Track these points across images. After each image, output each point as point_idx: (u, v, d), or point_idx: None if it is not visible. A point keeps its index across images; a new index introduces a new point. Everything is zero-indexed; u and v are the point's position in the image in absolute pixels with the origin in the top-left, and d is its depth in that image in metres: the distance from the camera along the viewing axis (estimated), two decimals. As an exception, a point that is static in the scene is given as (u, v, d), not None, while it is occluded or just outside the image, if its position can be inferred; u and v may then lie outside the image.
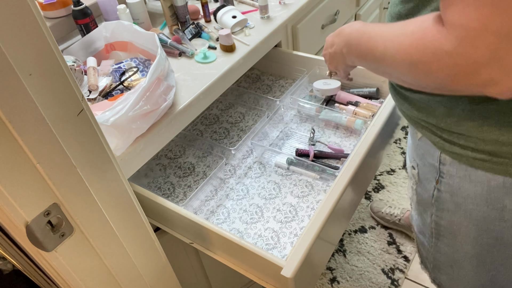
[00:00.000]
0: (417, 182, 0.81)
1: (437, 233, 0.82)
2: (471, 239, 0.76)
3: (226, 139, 1.20)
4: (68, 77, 0.55)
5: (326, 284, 1.57)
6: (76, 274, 0.67)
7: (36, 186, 0.56)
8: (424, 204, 0.82)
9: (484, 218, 0.71)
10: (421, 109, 0.67)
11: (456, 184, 0.70)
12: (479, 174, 0.65)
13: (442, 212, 0.77)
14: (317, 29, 1.45)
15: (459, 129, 0.63)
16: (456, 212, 0.74)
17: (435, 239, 0.84)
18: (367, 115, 1.10)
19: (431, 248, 0.87)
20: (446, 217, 0.77)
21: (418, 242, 0.94)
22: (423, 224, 0.86)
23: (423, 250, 0.92)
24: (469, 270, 0.82)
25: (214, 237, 0.83)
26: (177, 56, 1.11)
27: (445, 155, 0.68)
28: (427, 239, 0.87)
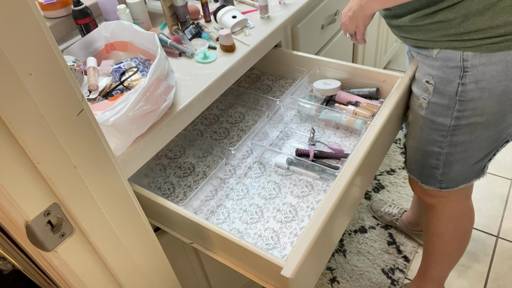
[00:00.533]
0: (431, 93, 0.98)
1: (455, 129, 0.99)
2: (491, 114, 0.94)
3: (226, 139, 1.20)
4: (68, 77, 0.55)
5: (326, 284, 1.57)
6: (76, 274, 0.67)
7: (36, 186, 0.56)
8: (441, 110, 0.98)
9: (505, 90, 0.90)
10: (439, 28, 0.89)
11: (479, 71, 0.88)
12: (498, 55, 0.85)
13: (466, 104, 0.94)
14: (317, 29, 1.45)
15: (476, 26, 0.84)
16: (481, 96, 0.91)
17: (450, 136, 1.01)
18: (367, 115, 1.10)
19: (444, 148, 1.04)
20: (470, 106, 0.94)
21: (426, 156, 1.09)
22: (436, 131, 1.02)
23: (433, 160, 1.08)
24: (484, 142, 1.01)
25: (214, 237, 0.83)
26: (177, 56, 1.11)
27: (468, 51, 0.88)
28: (439, 144, 1.04)
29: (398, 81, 1.08)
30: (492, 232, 1.67)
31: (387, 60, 2.40)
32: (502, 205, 1.76)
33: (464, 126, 0.98)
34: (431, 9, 0.88)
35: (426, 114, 1.02)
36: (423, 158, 1.10)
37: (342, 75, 1.21)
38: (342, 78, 1.21)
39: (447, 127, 1.00)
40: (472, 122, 0.96)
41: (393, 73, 1.12)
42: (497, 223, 1.70)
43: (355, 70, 1.18)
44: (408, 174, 1.21)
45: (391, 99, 1.01)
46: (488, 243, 1.63)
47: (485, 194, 1.81)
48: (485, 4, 0.82)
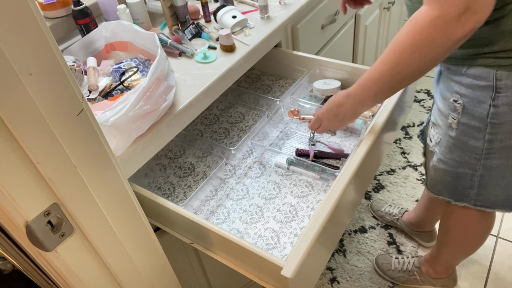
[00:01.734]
0: (460, 114, 0.92)
1: (488, 152, 0.93)
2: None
3: (226, 139, 1.20)
4: (68, 77, 0.55)
5: (326, 284, 1.57)
6: (76, 274, 0.67)
7: (36, 186, 0.56)
8: (472, 131, 0.92)
9: None
10: (470, 46, 0.83)
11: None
12: None
13: (499, 127, 0.88)
14: (317, 29, 1.45)
15: (510, 45, 0.79)
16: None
17: (484, 160, 0.95)
18: (367, 115, 1.10)
19: (478, 171, 0.98)
20: (504, 130, 0.88)
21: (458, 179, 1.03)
22: (468, 153, 0.96)
23: (466, 182, 1.02)
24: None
25: (214, 237, 0.83)
26: (177, 56, 1.11)
27: (501, 71, 0.82)
28: (472, 166, 0.98)
29: (398, 81, 1.08)
30: (492, 232, 1.67)
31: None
32: (502, 205, 1.76)
33: (498, 150, 0.92)
34: None
35: (457, 135, 0.95)
36: (455, 181, 1.05)
37: (342, 75, 1.21)
38: (342, 78, 1.21)
39: (480, 150, 0.94)
40: (507, 146, 0.91)
41: (393, 73, 1.12)
42: (497, 223, 1.69)
43: (355, 70, 1.18)
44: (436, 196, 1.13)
45: (391, 99, 1.01)
46: (488, 243, 1.63)
47: (485, 194, 1.81)
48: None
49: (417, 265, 1.48)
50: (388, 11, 2.06)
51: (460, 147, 0.97)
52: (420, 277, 1.47)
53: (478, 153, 0.95)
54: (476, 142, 0.93)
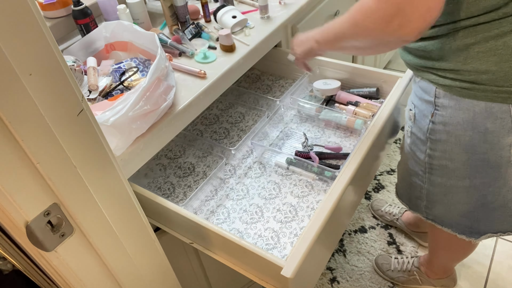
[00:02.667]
0: (413, 123, 0.95)
1: (430, 167, 0.96)
2: (461, 163, 0.89)
3: (226, 139, 1.20)
4: (68, 77, 0.55)
5: (326, 284, 1.57)
6: (76, 274, 0.67)
7: (36, 186, 0.56)
8: (419, 143, 0.95)
9: (471, 142, 0.84)
10: (420, 57, 0.85)
11: (448, 114, 0.84)
12: (466, 102, 0.80)
13: (436, 144, 0.90)
14: (317, 29, 1.45)
15: (449, 65, 0.79)
16: (448, 140, 0.87)
17: (428, 174, 0.97)
18: (367, 115, 1.10)
19: (425, 183, 1.00)
20: (439, 148, 0.90)
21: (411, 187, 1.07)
22: (417, 164, 0.99)
23: (417, 192, 1.05)
24: (462, 193, 0.95)
25: (214, 237, 0.83)
26: (177, 56, 1.11)
27: (440, 89, 0.83)
28: (420, 177, 1.00)
29: (398, 81, 1.08)
30: (492, 232, 1.66)
31: (387, 60, 2.40)
32: (502, 205, 1.76)
33: (437, 168, 0.94)
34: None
35: (410, 143, 1.00)
36: (409, 188, 1.08)
37: (342, 75, 1.21)
38: (342, 78, 1.21)
39: (424, 163, 0.97)
40: (443, 165, 0.92)
41: (393, 73, 1.13)
42: (497, 223, 1.69)
43: (355, 70, 1.18)
44: (397, 197, 1.20)
45: (391, 99, 1.01)
46: (488, 243, 1.63)
47: (485, 194, 1.80)
48: (460, 45, 0.76)
49: (416, 265, 1.48)
50: (388, 11, 2.06)
51: (412, 156, 1.00)
52: (420, 277, 1.47)
53: (423, 165, 0.97)
54: (421, 154, 0.96)
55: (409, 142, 1.00)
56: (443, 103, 0.84)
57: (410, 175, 1.04)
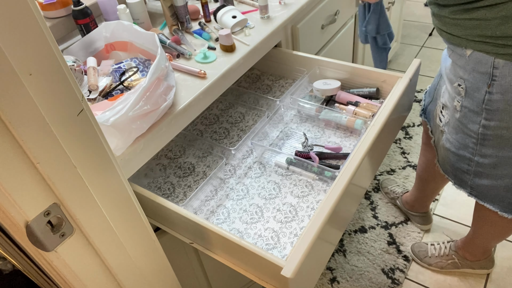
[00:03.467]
0: (464, 97, 0.96)
1: (483, 138, 0.98)
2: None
3: (226, 139, 1.20)
4: (68, 77, 0.55)
5: (326, 284, 1.57)
6: (76, 274, 0.67)
7: (36, 186, 0.56)
8: (471, 115, 0.97)
9: None
10: (475, 26, 0.84)
11: (507, 82, 0.85)
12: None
13: (492, 114, 0.92)
14: (317, 29, 1.45)
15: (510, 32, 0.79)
16: (506, 109, 0.89)
17: (480, 146, 1.00)
18: (367, 115, 1.10)
19: (475, 156, 1.02)
20: (496, 117, 0.92)
21: (459, 161, 1.08)
22: (468, 136, 1.01)
23: (464, 165, 1.07)
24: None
25: (214, 237, 0.83)
26: (175, 58, 1.11)
27: (499, 59, 0.84)
28: (470, 150, 1.03)
29: (398, 81, 1.08)
30: (492, 232, 1.67)
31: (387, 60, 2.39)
32: (502, 205, 1.76)
33: (491, 137, 0.96)
34: (473, 4, 0.83)
35: (460, 117, 1.01)
36: (456, 161, 1.10)
37: (342, 75, 1.21)
38: (342, 78, 1.21)
39: (476, 135, 0.99)
40: (499, 135, 0.94)
41: (393, 73, 1.13)
42: (497, 223, 1.69)
43: (355, 70, 1.18)
44: (443, 173, 1.20)
45: (391, 99, 1.01)
46: (488, 243, 1.63)
47: (485, 194, 1.81)
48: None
49: (454, 249, 1.50)
50: (388, 11, 2.07)
51: (462, 129, 1.02)
52: (459, 261, 1.49)
53: (475, 137, 0.99)
54: (474, 126, 0.98)
55: (459, 116, 1.01)
56: (502, 73, 0.85)
57: (458, 147, 1.06)
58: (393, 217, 1.76)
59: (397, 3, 2.13)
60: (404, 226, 1.71)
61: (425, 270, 1.57)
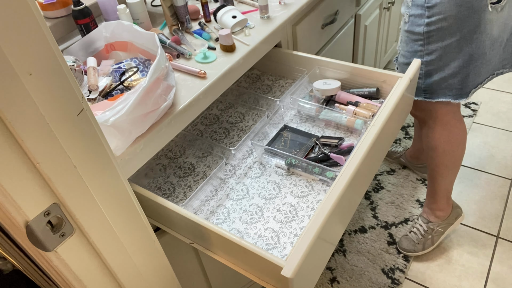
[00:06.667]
0: (410, 7, 1.17)
1: (428, 36, 1.17)
2: (453, 18, 1.11)
3: (226, 139, 1.20)
4: (68, 77, 0.55)
5: (326, 284, 1.57)
6: (76, 274, 0.67)
7: (36, 186, 0.56)
8: (417, 20, 1.17)
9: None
10: None
11: None
12: None
13: (432, 10, 1.12)
14: (317, 29, 1.45)
15: None
16: (441, 2, 1.09)
17: (426, 45, 1.19)
18: (367, 115, 1.10)
19: (424, 57, 1.22)
20: (436, 11, 1.12)
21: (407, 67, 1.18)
22: (415, 42, 1.21)
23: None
24: (454, 49, 1.17)
25: (214, 237, 0.83)
26: (175, 58, 1.11)
27: None
28: (419, 52, 1.22)
29: (398, 81, 1.08)
30: (492, 232, 1.67)
31: (387, 60, 2.39)
32: (502, 205, 1.76)
33: (434, 32, 1.15)
34: None
35: (408, 27, 1.21)
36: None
37: (342, 75, 1.21)
38: (342, 78, 1.21)
39: (422, 36, 1.17)
40: (440, 28, 1.14)
41: (393, 73, 1.13)
42: (497, 223, 1.69)
43: (355, 70, 1.18)
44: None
45: (391, 99, 1.01)
46: (488, 243, 1.63)
47: (485, 194, 1.81)
48: None
49: (425, 221, 1.61)
50: (388, 11, 2.06)
51: (411, 37, 1.21)
52: (438, 226, 1.60)
53: (421, 38, 1.18)
54: (419, 28, 1.17)
55: (407, 27, 1.21)
56: None
57: (409, 56, 1.24)
58: (393, 217, 1.76)
59: (397, 3, 2.13)
60: (404, 226, 1.72)
61: (425, 270, 1.57)
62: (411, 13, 1.18)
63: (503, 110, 2.21)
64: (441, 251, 1.62)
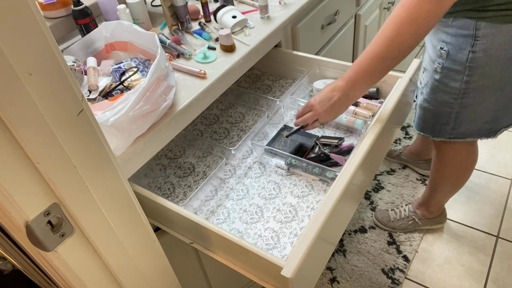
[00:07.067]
0: (445, 59, 1.09)
1: (465, 92, 1.10)
2: (497, 78, 1.05)
3: (226, 139, 1.20)
4: (68, 77, 0.55)
5: (326, 284, 1.57)
6: (76, 274, 0.67)
7: (36, 186, 0.56)
8: (453, 74, 1.09)
9: (509, 58, 1.00)
10: (457, 4, 0.93)
11: (489, 41, 0.99)
12: (507, 26, 0.95)
13: (475, 70, 1.05)
14: (317, 29, 1.45)
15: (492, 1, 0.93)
16: (488, 63, 1.02)
17: (460, 99, 1.12)
18: (367, 115, 1.10)
19: (455, 109, 1.15)
20: (478, 72, 1.05)
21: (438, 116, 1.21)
22: (448, 93, 1.14)
23: (443, 119, 1.20)
24: (491, 104, 1.11)
25: (214, 237, 0.83)
26: (175, 58, 1.11)
27: (481, 21, 0.97)
28: (450, 105, 1.15)
29: (398, 81, 1.08)
30: (492, 232, 1.67)
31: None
32: (502, 205, 1.76)
33: (472, 90, 1.09)
34: None
35: (440, 78, 1.13)
36: (435, 118, 1.22)
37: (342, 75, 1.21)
38: (342, 78, 1.21)
39: (458, 91, 1.10)
40: (480, 86, 1.07)
41: (393, 73, 1.12)
42: (497, 223, 1.69)
43: (355, 70, 1.17)
44: (418, 132, 1.33)
45: (391, 99, 1.01)
46: (488, 243, 1.63)
47: (485, 194, 1.81)
48: None
49: (412, 210, 1.67)
50: (388, 11, 2.07)
51: (442, 88, 1.14)
52: (419, 220, 1.65)
53: (456, 93, 1.11)
54: (455, 83, 1.10)
55: (439, 77, 1.13)
56: (484, 33, 0.98)
57: (438, 105, 1.18)
58: (393, 217, 1.76)
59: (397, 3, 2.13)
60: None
61: (425, 270, 1.57)
62: (445, 65, 1.09)
63: (503, 110, 2.21)
64: (441, 251, 1.63)
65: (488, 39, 0.98)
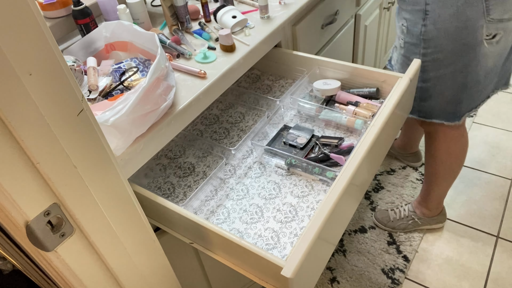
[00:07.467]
0: (406, 34, 1.20)
1: (423, 66, 1.20)
2: (448, 52, 1.14)
3: (226, 139, 1.20)
4: (68, 77, 0.55)
5: (326, 284, 1.57)
6: (76, 274, 0.67)
7: (36, 186, 0.56)
8: (413, 48, 1.20)
9: (456, 31, 1.09)
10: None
11: (436, 14, 1.09)
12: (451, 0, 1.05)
13: (428, 42, 1.15)
14: (317, 29, 1.45)
15: None
16: (438, 35, 1.12)
17: (421, 72, 1.21)
18: (367, 115, 1.10)
19: (419, 83, 1.24)
20: (432, 44, 1.14)
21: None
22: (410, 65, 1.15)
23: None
24: (448, 79, 1.20)
25: (214, 237, 0.83)
26: (175, 58, 1.11)
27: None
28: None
29: (398, 81, 1.08)
30: (492, 232, 1.67)
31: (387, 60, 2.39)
32: (502, 205, 1.76)
33: (429, 63, 1.18)
34: None
35: (404, 53, 1.24)
36: None
37: (342, 75, 1.21)
38: (342, 78, 1.21)
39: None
40: (435, 59, 1.16)
41: (393, 73, 1.13)
42: (497, 223, 1.69)
43: (355, 70, 1.18)
44: None
45: (391, 99, 1.01)
46: (488, 243, 1.63)
47: (485, 194, 1.81)
48: None
49: (412, 209, 1.68)
50: (388, 11, 2.06)
51: (407, 62, 1.21)
52: (418, 219, 1.66)
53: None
54: (415, 57, 1.18)
55: (403, 52, 1.24)
56: (432, 7, 1.09)
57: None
58: (393, 217, 1.76)
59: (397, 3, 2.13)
60: (404, 226, 1.71)
61: (425, 270, 1.57)
62: (406, 40, 1.20)
63: (503, 110, 2.21)
64: (441, 251, 1.63)
65: (435, 12, 1.08)
